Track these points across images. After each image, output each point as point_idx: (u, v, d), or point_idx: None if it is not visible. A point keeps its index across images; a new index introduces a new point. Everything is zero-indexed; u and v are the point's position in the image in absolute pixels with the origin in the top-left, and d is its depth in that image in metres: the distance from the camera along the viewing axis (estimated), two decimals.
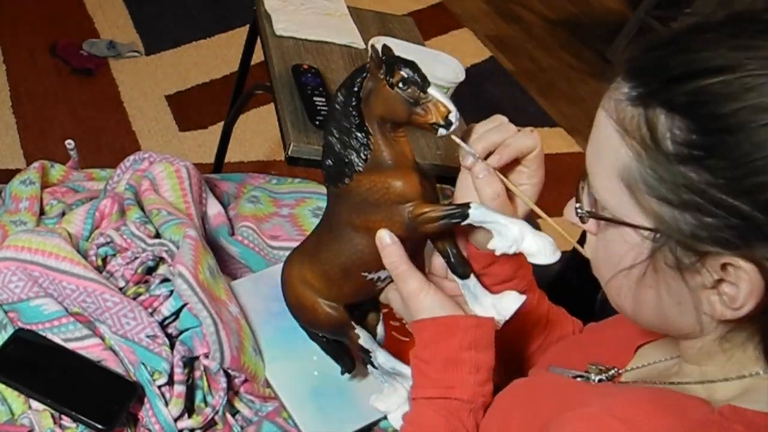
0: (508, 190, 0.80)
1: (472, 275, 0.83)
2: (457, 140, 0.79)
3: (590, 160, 0.63)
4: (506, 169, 0.80)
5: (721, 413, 0.57)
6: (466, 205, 0.75)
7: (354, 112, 0.77)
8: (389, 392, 0.89)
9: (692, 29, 0.57)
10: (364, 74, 0.76)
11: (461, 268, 0.83)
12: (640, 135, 0.56)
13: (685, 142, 0.54)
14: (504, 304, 0.81)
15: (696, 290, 0.58)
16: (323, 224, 0.88)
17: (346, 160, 0.79)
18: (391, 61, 0.74)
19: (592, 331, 0.91)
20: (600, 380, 0.74)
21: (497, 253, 0.74)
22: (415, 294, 0.78)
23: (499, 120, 0.81)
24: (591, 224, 0.66)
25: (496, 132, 0.79)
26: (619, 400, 0.60)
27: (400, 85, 0.73)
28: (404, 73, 0.73)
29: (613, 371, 0.74)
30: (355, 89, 0.77)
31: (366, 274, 0.84)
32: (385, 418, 0.92)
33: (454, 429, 0.74)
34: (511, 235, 0.73)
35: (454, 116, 0.73)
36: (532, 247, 0.73)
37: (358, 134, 0.77)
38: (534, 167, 0.81)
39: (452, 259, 0.83)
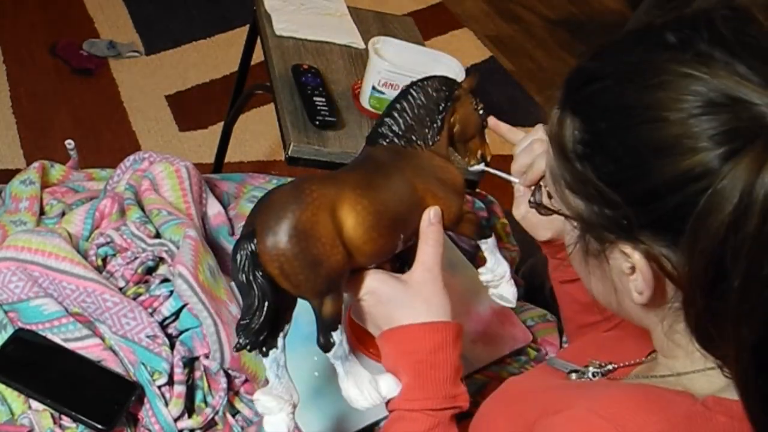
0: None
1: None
2: (496, 172, 0.92)
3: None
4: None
5: (704, 404, 0.59)
6: (491, 231, 0.89)
7: (443, 104, 0.85)
8: (342, 378, 0.77)
9: (603, 45, 0.63)
10: (458, 85, 0.87)
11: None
12: (554, 135, 0.64)
13: (581, 141, 0.61)
14: None
15: (620, 276, 0.63)
16: (370, 167, 0.79)
17: (424, 129, 0.84)
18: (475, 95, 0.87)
19: (620, 328, 0.91)
20: (594, 374, 0.76)
21: (481, 278, 0.88)
22: (437, 280, 0.77)
23: (530, 138, 0.90)
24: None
25: (525, 154, 0.90)
26: (604, 398, 0.62)
27: (481, 112, 0.88)
28: (481, 107, 0.89)
29: (610, 366, 0.76)
30: (450, 90, 0.85)
31: (401, 236, 0.78)
32: (385, 418, 0.92)
33: None
34: (500, 271, 0.88)
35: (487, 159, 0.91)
36: (504, 292, 0.88)
37: (438, 119, 0.84)
38: None
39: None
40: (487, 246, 0.88)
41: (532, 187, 0.84)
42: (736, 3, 0.58)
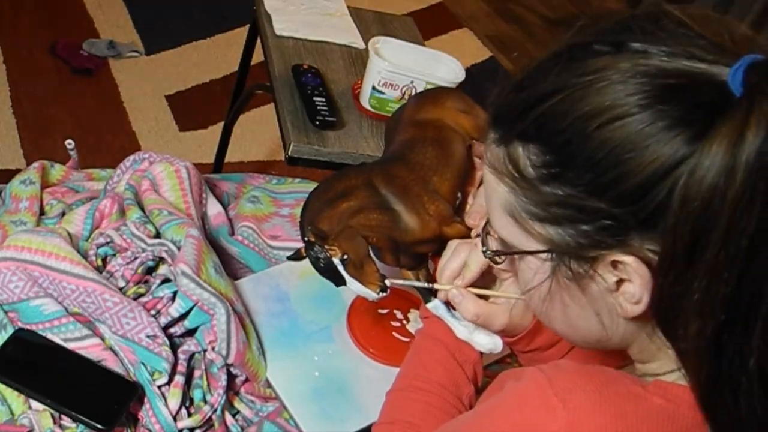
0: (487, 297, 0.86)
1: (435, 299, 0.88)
2: (428, 285, 0.87)
3: (486, 206, 0.69)
4: (486, 276, 0.85)
5: (644, 386, 0.61)
6: (433, 295, 0.86)
7: None
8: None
9: (526, 72, 0.63)
10: None
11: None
12: (507, 170, 0.63)
13: (542, 164, 0.60)
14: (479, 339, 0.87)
15: (604, 295, 0.62)
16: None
17: None
18: None
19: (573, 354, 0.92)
20: None
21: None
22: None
23: (453, 246, 0.86)
24: (504, 265, 0.75)
25: (454, 259, 0.85)
26: (559, 367, 0.65)
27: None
28: None
29: None
30: None
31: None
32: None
33: (458, 345, 0.87)
34: (459, 334, 0.86)
35: None
36: (481, 342, 0.86)
37: None
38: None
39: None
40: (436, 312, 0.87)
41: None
42: (653, 6, 0.60)
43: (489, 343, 0.86)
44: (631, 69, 0.55)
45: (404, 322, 1.07)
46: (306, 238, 0.83)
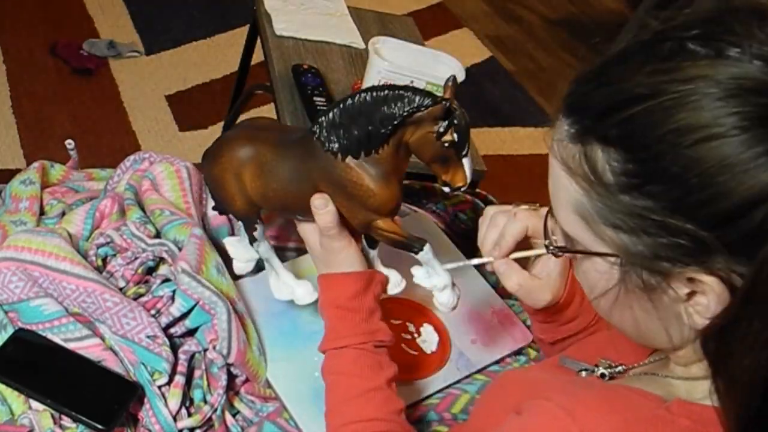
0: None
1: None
2: (474, 261, 0.88)
3: (552, 199, 0.66)
4: (520, 245, 0.86)
5: (668, 409, 0.60)
6: (423, 243, 0.84)
7: (391, 124, 0.78)
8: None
9: (610, 61, 0.59)
10: (423, 107, 0.77)
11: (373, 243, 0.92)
12: (583, 171, 0.59)
13: (623, 172, 0.56)
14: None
15: (672, 305, 0.60)
16: (288, 154, 0.86)
17: (351, 141, 0.80)
18: (453, 120, 0.76)
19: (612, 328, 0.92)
20: (602, 375, 0.76)
21: (414, 279, 0.87)
22: (339, 250, 0.87)
23: (489, 215, 0.88)
24: (566, 258, 0.73)
25: (492, 230, 0.87)
26: (575, 393, 0.64)
27: (446, 144, 0.77)
28: (456, 137, 0.77)
29: (620, 368, 0.75)
30: (407, 112, 0.77)
31: (297, 216, 0.91)
32: None
33: (379, 364, 0.85)
34: (436, 282, 0.86)
35: (464, 187, 0.80)
36: (442, 299, 0.87)
37: (377, 136, 0.79)
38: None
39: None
40: (422, 258, 0.85)
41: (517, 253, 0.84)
42: (756, 2, 0.56)
43: (445, 301, 0.87)
44: (731, 83, 0.52)
45: (415, 335, 1.07)
46: None
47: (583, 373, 0.77)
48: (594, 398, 0.62)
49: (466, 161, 0.79)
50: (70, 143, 1.20)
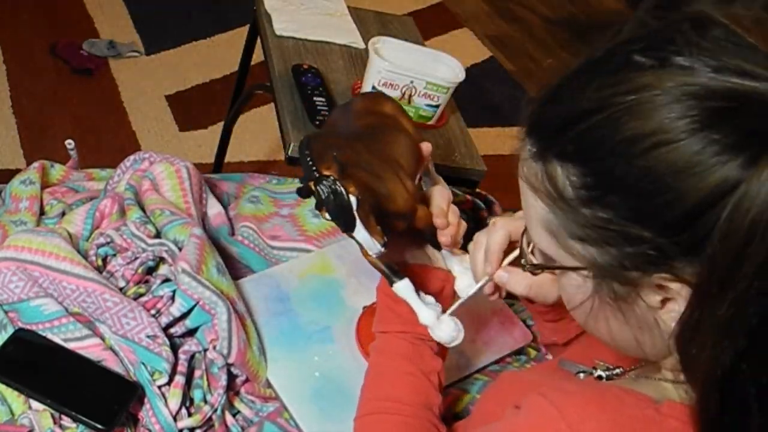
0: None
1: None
2: (472, 291, 0.88)
3: (525, 218, 0.67)
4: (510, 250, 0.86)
5: (658, 410, 0.60)
6: (399, 277, 0.85)
7: None
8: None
9: (563, 80, 0.60)
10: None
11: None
12: (545, 188, 0.60)
13: (582, 186, 0.57)
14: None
15: (646, 314, 0.61)
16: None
17: None
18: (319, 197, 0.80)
19: None
20: (599, 377, 0.76)
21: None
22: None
23: (473, 242, 0.89)
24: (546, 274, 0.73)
25: (477, 251, 0.87)
26: (566, 390, 0.65)
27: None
28: (328, 216, 0.80)
29: (617, 370, 0.75)
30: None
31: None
32: None
33: (419, 354, 0.87)
34: (423, 320, 0.85)
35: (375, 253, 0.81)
36: (445, 330, 0.86)
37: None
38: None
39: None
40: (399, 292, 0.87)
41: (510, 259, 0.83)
42: (696, 12, 0.56)
43: (453, 331, 0.85)
44: (676, 89, 0.52)
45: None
46: (316, 172, 0.77)
47: (581, 375, 0.78)
48: (585, 396, 0.62)
49: (359, 235, 0.78)
50: (70, 143, 1.20)
